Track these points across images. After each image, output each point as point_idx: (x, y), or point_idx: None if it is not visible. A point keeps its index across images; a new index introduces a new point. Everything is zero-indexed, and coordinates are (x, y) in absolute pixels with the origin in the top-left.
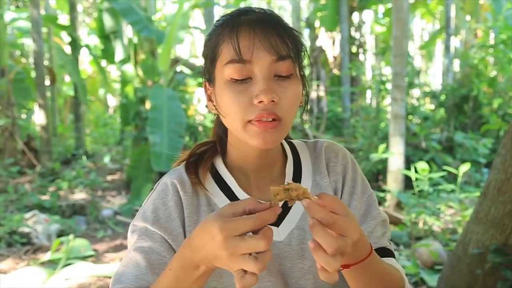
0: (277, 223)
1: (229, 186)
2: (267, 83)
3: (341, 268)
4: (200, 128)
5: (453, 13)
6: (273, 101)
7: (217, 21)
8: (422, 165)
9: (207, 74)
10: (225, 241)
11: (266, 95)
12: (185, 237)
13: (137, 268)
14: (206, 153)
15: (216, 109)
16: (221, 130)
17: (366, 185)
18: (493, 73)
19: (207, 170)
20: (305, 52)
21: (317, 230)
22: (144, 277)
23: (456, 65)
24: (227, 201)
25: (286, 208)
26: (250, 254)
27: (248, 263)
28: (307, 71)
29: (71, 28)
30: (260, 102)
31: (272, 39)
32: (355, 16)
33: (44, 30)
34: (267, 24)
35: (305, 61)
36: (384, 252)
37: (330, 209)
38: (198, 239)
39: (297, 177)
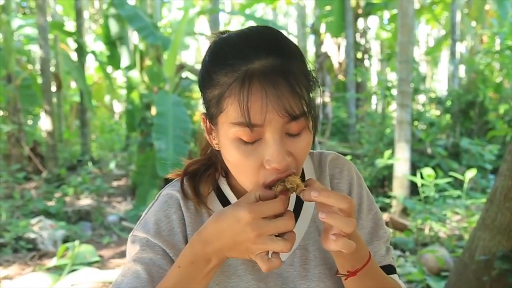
0: None
1: None
2: (279, 148)
3: (349, 276)
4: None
5: (458, 18)
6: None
7: (211, 49)
8: (428, 171)
9: (208, 114)
10: (253, 222)
11: (280, 163)
12: None
13: (136, 279)
14: (207, 171)
15: (218, 149)
16: (223, 165)
17: (372, 201)
18: (499, 79)
19: (209, 189)
20: (316, 84)
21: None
22: None
23: (462, 71)
24: None
25: None
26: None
27: (276, 243)
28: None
29: (77, 35)
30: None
31: (285, 98)
32: (360, 22)
33: (50, 36)
34: (278, 78)
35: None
36: (389, 269)
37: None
38: (212, 229)
39: None
